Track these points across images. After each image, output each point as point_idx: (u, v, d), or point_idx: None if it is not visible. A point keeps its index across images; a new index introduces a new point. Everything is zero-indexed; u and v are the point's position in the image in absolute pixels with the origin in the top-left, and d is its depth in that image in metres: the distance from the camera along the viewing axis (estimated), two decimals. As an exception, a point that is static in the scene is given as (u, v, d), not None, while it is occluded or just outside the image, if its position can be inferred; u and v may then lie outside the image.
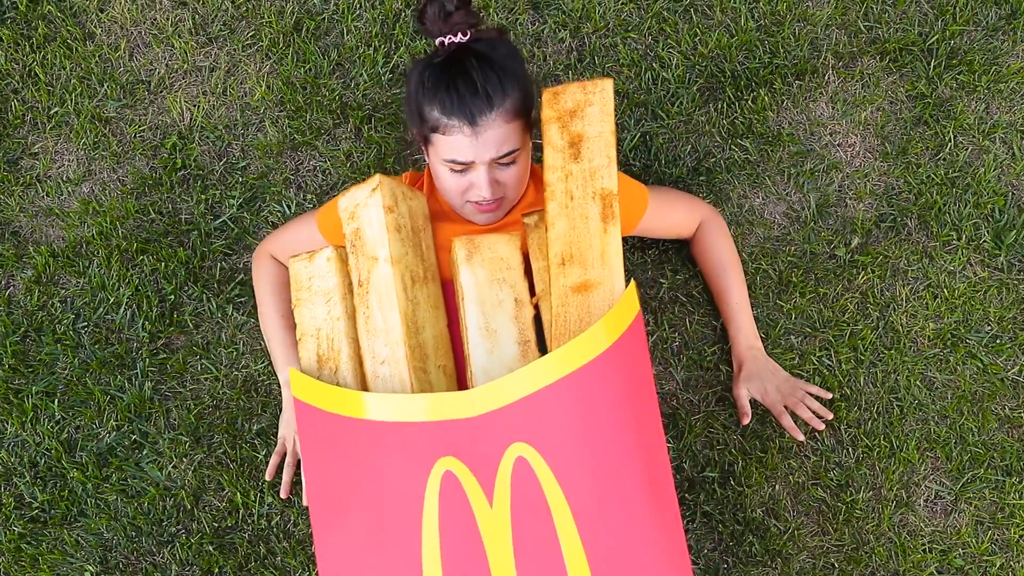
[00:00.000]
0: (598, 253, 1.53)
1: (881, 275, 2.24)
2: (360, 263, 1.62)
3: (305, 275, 1.69)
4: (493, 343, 1.57)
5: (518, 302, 1.60)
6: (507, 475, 1.48)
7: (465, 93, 1.61)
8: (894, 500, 2.12)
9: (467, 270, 1.61)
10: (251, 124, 2.32)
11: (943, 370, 2.19)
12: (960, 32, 2.37)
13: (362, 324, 1.61)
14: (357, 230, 1.62)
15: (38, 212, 2.27)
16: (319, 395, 1.59)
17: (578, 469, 1.48)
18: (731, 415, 2.15)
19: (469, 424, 1.50)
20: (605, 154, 1.55)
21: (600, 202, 1.55)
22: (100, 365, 2.17)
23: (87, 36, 2.36)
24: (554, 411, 1.48)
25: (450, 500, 1.49)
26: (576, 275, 1.53)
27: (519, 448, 1.48)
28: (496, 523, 1.48)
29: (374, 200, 1.61)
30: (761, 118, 2.32)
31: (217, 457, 2.12)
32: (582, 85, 1.56)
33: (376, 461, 1.53)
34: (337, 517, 1.56)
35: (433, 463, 1.49)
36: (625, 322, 1.54)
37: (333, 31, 2.36)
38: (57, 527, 2.09)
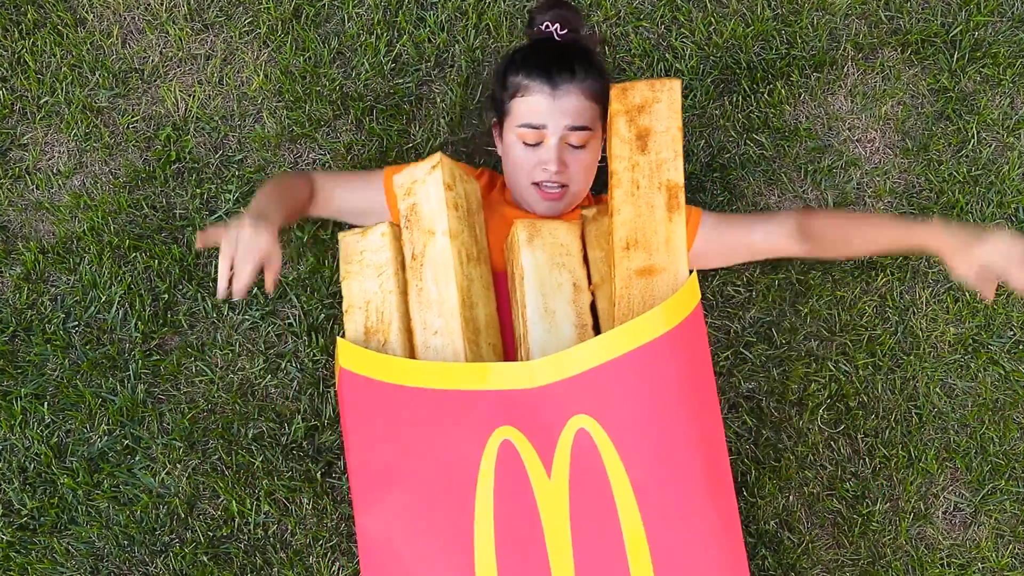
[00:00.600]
0: (663, 240, 1.54)
1: (901, 278, 2.12)
2: (415, 237, 1.61)
3: (356, 248, 1.67)
4: (551, 324, 1.55)
5: (576, 287, 1.59)
6: (567, 446, 1.45)
7: (551, 60, 1.68)
8: (912, 512, 2.01)
9: (528, 252, 1.59)
10: (248, 115, 2.19)
11: (964, 377, 2.08)
12: (985, 23, 2.24)
13: (414, 296, 1.60)
14: (414, 205, 1.62)
15: (27, 206, 2.15)
16: (372, 365, 1.54)
17: (640, 445, 1.45)
18: (743, 423, 2.04)
19: (530, 395, 1.47)
20: (672, 148, 1.58)
21: (666, 192, 1.56)
22: (91, 366, 2.06)
23: (78, 22, 2.23)
24: (617, 385, 1.46)
25: (507, 469, 1.45)
26: (641, 259, 1.54)
27: (581, 420, 1.45)
28: (554, 494, 1.44)
29: (433, 177, 1.60)
30: (777, 112, 2.20)
31: (212, 463, 2.01)
32: (650, 83, 1.60)
33: (432, 429, 1.49)
34: (385, 488, 1.50)
35: (491, 432, 1.46)
36: (687, 308, 1.52)
37: (334, 18, 2.23)
38: (47, 535, 1.99)
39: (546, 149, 1.68)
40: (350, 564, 1.96)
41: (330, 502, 1.98)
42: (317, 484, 1.99)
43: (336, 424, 2.02)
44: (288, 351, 2.05)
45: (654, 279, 1.54)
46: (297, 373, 2.04)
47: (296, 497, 1.99)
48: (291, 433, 2.02)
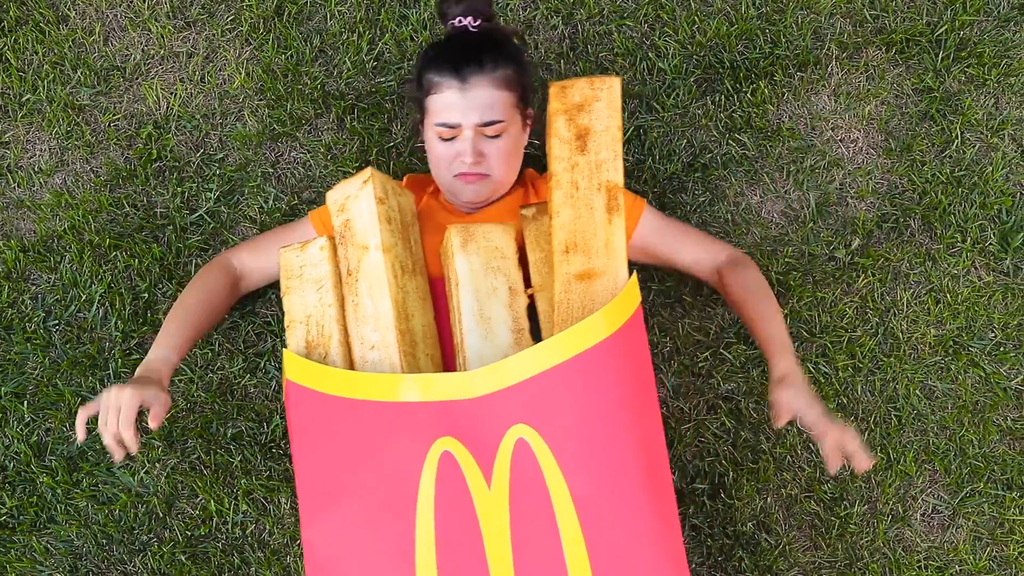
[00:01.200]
0: (602, 243, 1.50)
1: (882, 278, 2.09)
2: (350, 253, 1.59)
3: (296, 264, 1.65)
4: (487, 329, 1.52)
5: (512, 290, 1.56)
6: (507, 457, 1.43)
7: (459, 54, 1.66)
8: (890, 514, 1.98)
9: (462, 257, 1.56)
10: (230, 113, 2.16)
11: (944, 379, 2.05)
12: (970, 22, 2.20)
13: (351, 312, 1.57)
14: (347, 221, 1.60)
15: (8, 204, 2.12)
16: (317, 377, 1.51)
17: (579, 454, 1.42)
18: (722, 424, 2.01)
19: (469, 405, 1.44)
20: (611, 148, 1.52)
21: (605, 194, 1.52)
22: (71, 365, 2.03)
23: (60, 19, 2.20)
24: (556, 394, 1.43)
25: (447, 481, 1.43)
26: (579, 263, 1.50)
27: (520, 430, 1.43)
28: (494, 505, 1.42)
29: (365, 192, 1.57)
30: (760, 111, 2.16)
31: (191, 462, 1.99)
32: (590, 81, 1.54)
33: (373, 441, 1.46)
34: (329, 501, 1.47)
35: (431, 443, 1.44)
36: (627, 313, 1.48)
37: (316, 16, 2.20)
38: (26, 534, 1.96)
39: (461, 142, 1.67)
40: (328, 564, 1.94)
41: (308, 502, 1.96)
42: (295, 484, 1.97)
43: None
44: (267, 350, 2.03)
45: (593, 283, 1.50)
46: (276, 372, 2.02)
47: (274, 496, 1.97)
48: (270, 432, 1.99)
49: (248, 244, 1.89)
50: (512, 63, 1.70)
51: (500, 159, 1.69)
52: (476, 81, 1.65)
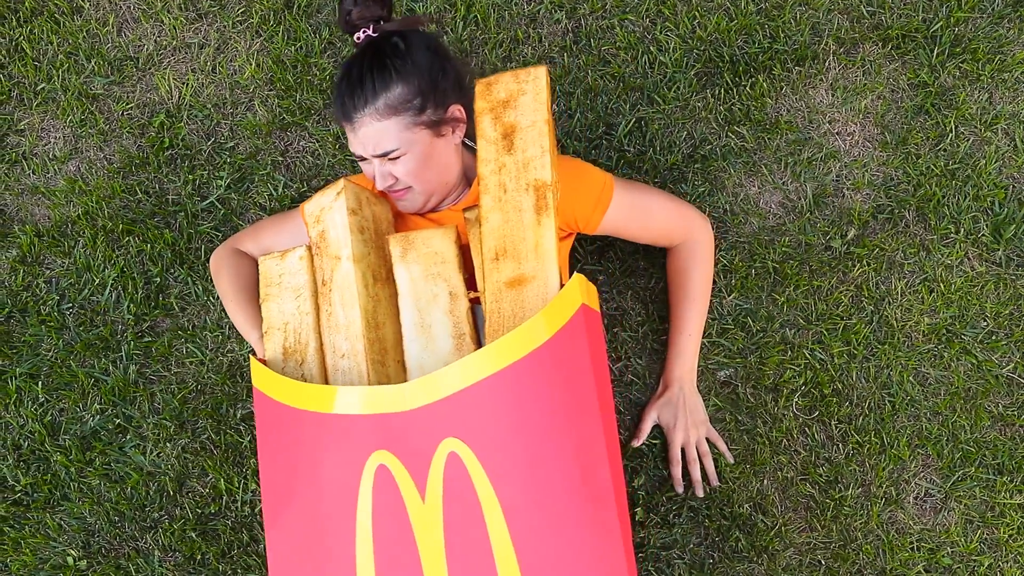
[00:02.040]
0: (532, 246, 1.44)
1: (877, 268, 2.13)
2: (324, 263, 1.60)
3: (275, 272, 1.66)
4: (428, 338, 1.51)
5: (452, 295, 1.54)
6: (439, 470, 1.43)
7: (345, 91, 1.61)
8: (883, 497, 2.03)
9: (402, 267, 1.56)
10: (240, 103, 2.21)
11: (937, 366, 2.09)
12: (965, 19, 2.24)
13: (325, 321, 1.59)
14: (322, 232, 1.61)
15: (23, 190, 2.17)
16: (271, 384, 1.55)
17: (509, 465, 1.41)
18: (719, 409, 2.06)
19: (402, 418, 1.44)
20: (539, 144, 1.46)
21: (534, 194, 1.45)
22: (85, 347, 2.08)
23: (75, 10, 2.24)
24: (486, 407, 1.41)
25: (383, 494, 1.44)
26: (510, 270, 1.45)
27: (451, 443, 1.42)
28: (428, 518, 1.43)
29: (339, 203, 1.59)
30: (759, 105, 2.20)
31: (201, 442, 2.04)
32: (515, 74, 1.48)
33: (317, 451, 1.48)
34: (284, 505, 1.51)
35: (367, 456, 1.44)
36: (564, 316, 1.42)
37: (324, 8, 2.24)
38: (40, 510, 2.01)
39: (369, 167, 1.67)
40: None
41: (315, 481, 2.00)
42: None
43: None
44: (277, 334, 2.07)
45: (524, 289, 1.44)
46: (285, 356, 2.06)
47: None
48: (278, 414, 2.04)
49: (249, 233, 1.94)
50: (398, 80, 1.59)
51: (412, 175, 1.65)
52: (360, 120, 1.60)
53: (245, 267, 1.88)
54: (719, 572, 1.97)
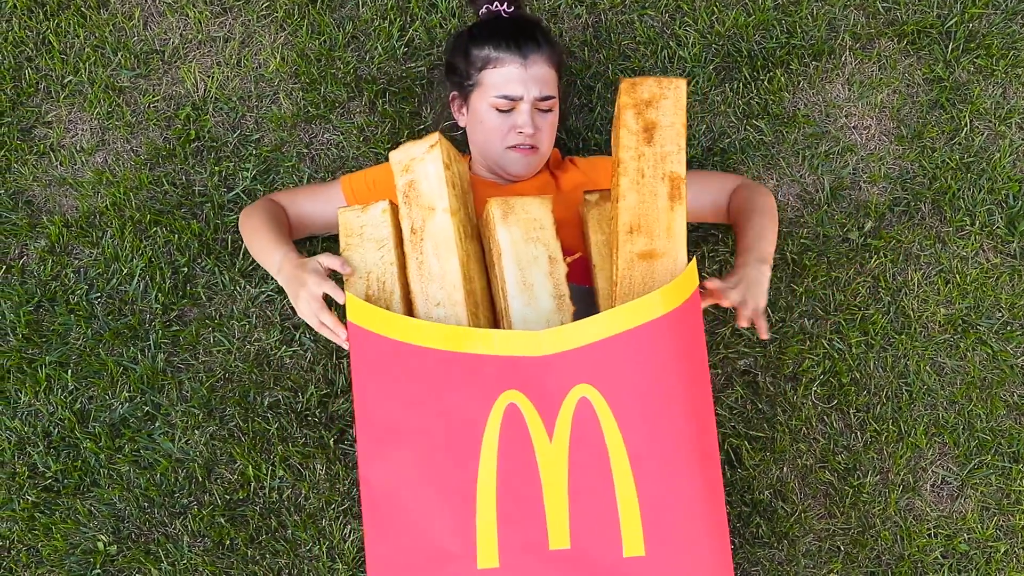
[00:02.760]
0: (664, 227, 1.58)
1: (893, 259, 2.16)
2: (414, 212, 1.64)
3: (356, 224, 1.70)
4: (530, 296, 1.59)
5: (552, 259, 1.63)
6: (569, 413, 1.50)
7: (517, 32, 1.76)
8: (901, 484, 2.05)
9: (503, 228, 1.63)
10: (265, 96, 2.23)
11: (953, 356, 2.12)
12: (979, 15, 2.27)
13: (414, 269, 1.62)
14: (412, 182, 1.64)
15: (52, 181, 2.19)
16: (382, 321, 1.56)
17: (638, 415, 1.50)
18: (739, 397, 2.09)
19: (536, 362, 1.51)
20: (675, 142, 1.60)
21: (668, 183, 1.59)
22: (113, 336, 2.10)
23: (101, 4, 2.26)
24: (617, 359, 1.50)
25: (511, 430, 1.49)
26: (643, 243, 1.58)
27: (583, 389, 1.50)
28: (554, 457, 1.49)
29: (432, 155, 1.63)
30: (777, 99, 2.23)
31: (229, 430, 2.06)
32: (658, 80, 1.61)
33: (442, 387, 1.52)
34: (389, 440, 1.53)
35: (498, 394, 1.50)
36: (685, 293, 1.55)
37: (348, 3, 2.26)
38: (70, 496, 2.03)
39: (520, 115, 1.78)
40: (361, 527, 2.01)
41: (342, 467, 2.02)
42: (330, 450, 2.03)
43: (348, 392, 2.06)
44: (302, 322, 2.09)
45: (655, 263, 1.58)
46: (311, 344, 2.08)
47: (310, 463, 2.03)
48: (305, 401, 2.06)
49: (285, 192, 2.00)
50: (555, 44, 1.81)
51: (549, 133, 1.80)
52: (534, 58, 1.76)
53: (275, 209, 1.92)
54: (740, 558, 1.99)
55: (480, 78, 1.78)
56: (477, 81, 1.79)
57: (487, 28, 1.79)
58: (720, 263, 2.13)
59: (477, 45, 1.78)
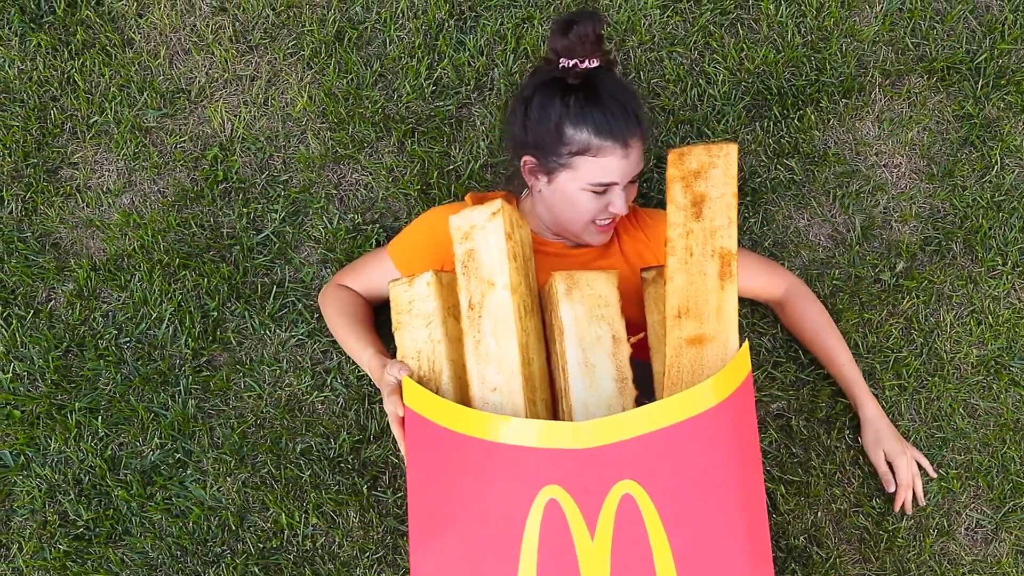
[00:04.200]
0: (714, 308, 1.50)
1: (926, 300, 2.14)
2: (472, 285, 1.55)
3: (406, 299, 1.62)
4: (592, 378, 1.52)
5: (616, 339, 1.55)
6: (612, 510, 1.43)
7: (618, 115, 1.64)
8: (935, 528, 2.04)
9: (567, 305, 1.54)
10: (293, 136, 2.20)
11: (986, 397, 2.10)
12: (1008, 51, 2.25)
13: (471, 348, 1.54)
14: (471, 252, 1.55)
15: (78, 223, 2.16)
16: (434, 408, 1.52)
17: (683, 513, 1.44)
18: (772, 441, 2.07)
19: (580, 455, 1.44)
20: (726, 215, 1.52)
21: (719, 260, 1.51)
22: (143, 382, 2.07)
23: (126, 43, 2.23)
24: (664, 454, 1.44)
25: (552, 528, 1.43)
26: (691, 328, 1.51)
27: (627, 485, 1.44)
28: (596, 557, 1.43)
29: (494, 224, 1.53)
30: (807, 137, 2.21)
31: (261, 477, 2.03)
32: (707, 148, 1.53)
33: (484, 480, 1.46)
34: (436, 530, 1.49)
35: (539, 489, 1.44)
36: (737, 380, 1.49)
37: (375, 41, 2.24)
38: (102, 545, 2.01)
39: (616, 197, 1.72)
40: (395, 575, 1.99)
41: (376, 515, 2.00)
42: (363, 497, 2.01)
43: (381, 437, 2.04)
44: (333, 367, 2.06)
45: (704, 348, 1.51)
46: (343, 389, 2.06)
47: (343, 510, 2.01)
48: (338, 447, 2.03)
49: (348, 276, 1.99)
50: (646, 118, 1.72)
51: (630, 202, 1.77)
52: (634, 144, 1.68)
53: (348, 297, 1.94)
54: (776, 604, 1.98)
55: (574, 162, 1.68)
56: (569, 163, 1.69)
57: (584, 109, 1.65)
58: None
59: (574, 126, 1.66)
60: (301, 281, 2.09)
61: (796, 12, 2.22)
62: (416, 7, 2.20)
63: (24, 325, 2.07)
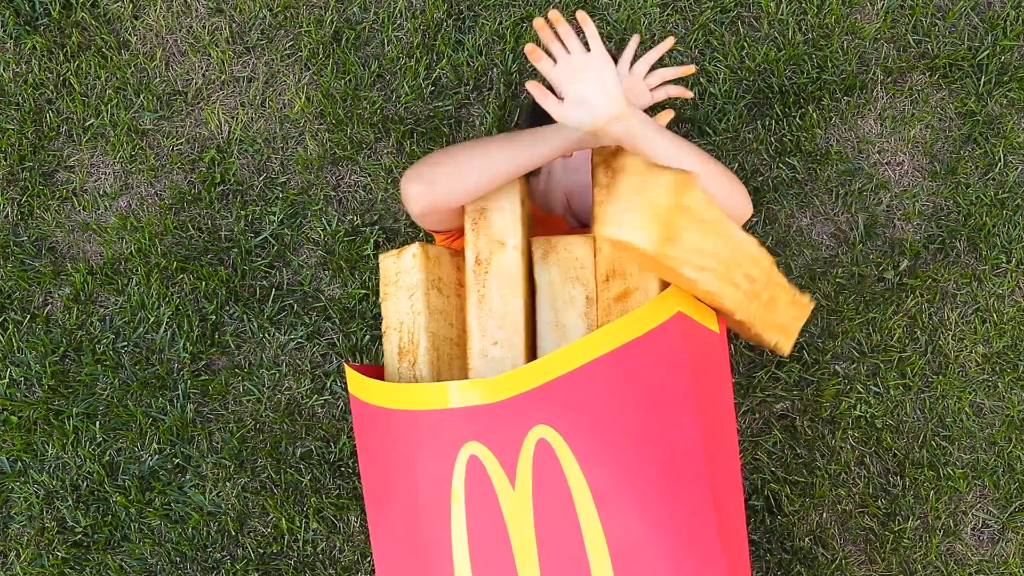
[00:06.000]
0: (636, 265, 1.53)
1: (930, 299, 2.12)
2: (481, 242, 1.58)
3: (393, 270, 1.64)
4: (560, 336, 1.54)
5: (589, 300, 1.57)
6: (529, 457, 1.44)
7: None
8: (941, 529, 2.01)
9: (543, 269, 1.58)
10: (291, 137, 2.18)
11: (991, 396, 2.08)
12: (1011, 47, 2.23)
13: (474, 301, 1.57)
14: (484, 210, 1.58)
15: (75, 227, 2.13)
16: (362, 388, 1.56)
17: (598, 450, 1.44)
18: (777, 441, 2.04)
19: (493, 409, 1.46)
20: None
21: None
22: (141, 386, 2.05)
23: (122, 44, 2.21)
24: (575, 396, 1.45)
25: (475, 483, 1.45)
26: (617, 287, 1.54)
27: (541, 430, 1.44)
28: (518, 505, 1.44)
29: (511, 189, 1.58)
30: (809, 135, 2.18)
31: (261, 481, 2.01)
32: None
33: (410, 449, 1.49)
34: (383, 505, 1.53)
35: (459, 448, 1.46)
36: (658, 319, 1.47)
37: (373, 41, 2.21)
38: (101, 552, 1.98)
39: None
40: (397, 580, 1.96)
41: (377, 520, 1.98)
42: (363, 501, 1.98)
43: (381, 443, 2.02)
44: (332, 370, 2.04)
45: (628, 300, 1.53)
46: (343, 392, 2.03)
47: (344, 514, 1.98)
48: (338, 451, 2.01)
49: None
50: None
51: None
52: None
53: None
54: (781, 606, 1.95)
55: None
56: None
57: None
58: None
59: None
60: (300, 284, 2.06)
61: (797, 10, 2.20)
62: (414, 7, 2.18)
63: (20, 330, 2.04)
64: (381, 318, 1.98)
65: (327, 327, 2.06)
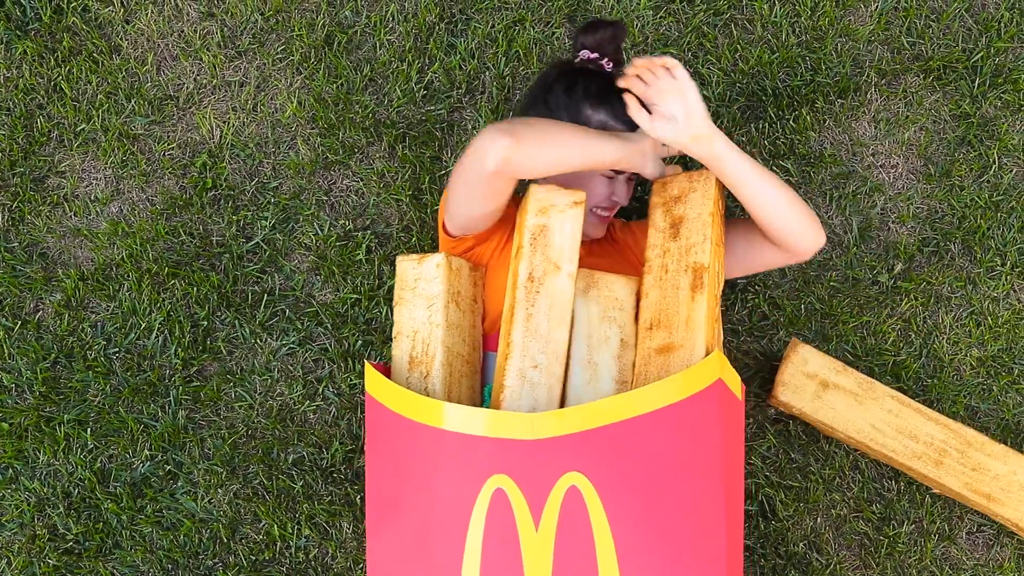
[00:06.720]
0: (683, 319, 1.51)
1: (924, 302, 2.11)
2: (537, 259, 1.55)
3: (412, 276, 1.62)
4: (592, 376, 1.53)
5: (623, 343, 1.56)
6: (557, 502, 1.43)
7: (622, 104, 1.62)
8: (936, 533, 2.00)
9: (582, 303, 1.57)
10: (282, 142, 2.16)
11: (986, 400, 2.07)
12: (1005, 49, 2.21)
13: (520, 317, 1.54)
14: (544, 227, 1.56)
15: (66, 233, 2.12)
16: (390, 395, 1.53)
17: (629, 508, 1.42)
18: (771, 446, 2.03)
19: (529, 446, 1.44)
20: (702, 232, 1.55)
21: (691, 273, 1.53)
22: (132, 392, 2.03)
23: (113, 49, 2.19)
24: (613, 450, 1.43)
25: (497, 517, 1.44)
26: (661, 338, 1.52)
27: (574, 478, 1.43)
28: (539, 547, 1.42)
29: (574, 213, 1.56)
30: (803, 138, 2.17)
31: (253, 488, 2.00)
32: (689, 175, 1.58)
33: (433, 467, 1.47)
34: (389, 516, 1.51)
35: (486, 478, 1.44)
36: (700, 384, 1.46)
37: (365, 45, 2.20)
38: (92, 559, 1.97)
39: (620, 185, 1.71)
40: (389, 587, 1.95)
41: (369, 526, 1.97)
42: (356, 508, 1.97)
43: (373, 448, 2.00)
44: (325, 376, 2.03)
45: (671, 356, 1.51)
46: (335, 398, 2.02)
47: (336, 521, 1.97)
48: (330, 457, 2.00)
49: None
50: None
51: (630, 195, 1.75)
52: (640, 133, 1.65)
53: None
54: (776, 612, 1.94)
55: None
56: None
57: (603, 94, 1.65)
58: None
59: (593, 107, 1.65)
60: (292, 289, 2.05)
61: (790, 12, 2.18)
62: (406, 10, 2.17)
63: (11, 336, 2.03)
64: (373, 323, 1.98)
65: (319, 332, 2.04)
